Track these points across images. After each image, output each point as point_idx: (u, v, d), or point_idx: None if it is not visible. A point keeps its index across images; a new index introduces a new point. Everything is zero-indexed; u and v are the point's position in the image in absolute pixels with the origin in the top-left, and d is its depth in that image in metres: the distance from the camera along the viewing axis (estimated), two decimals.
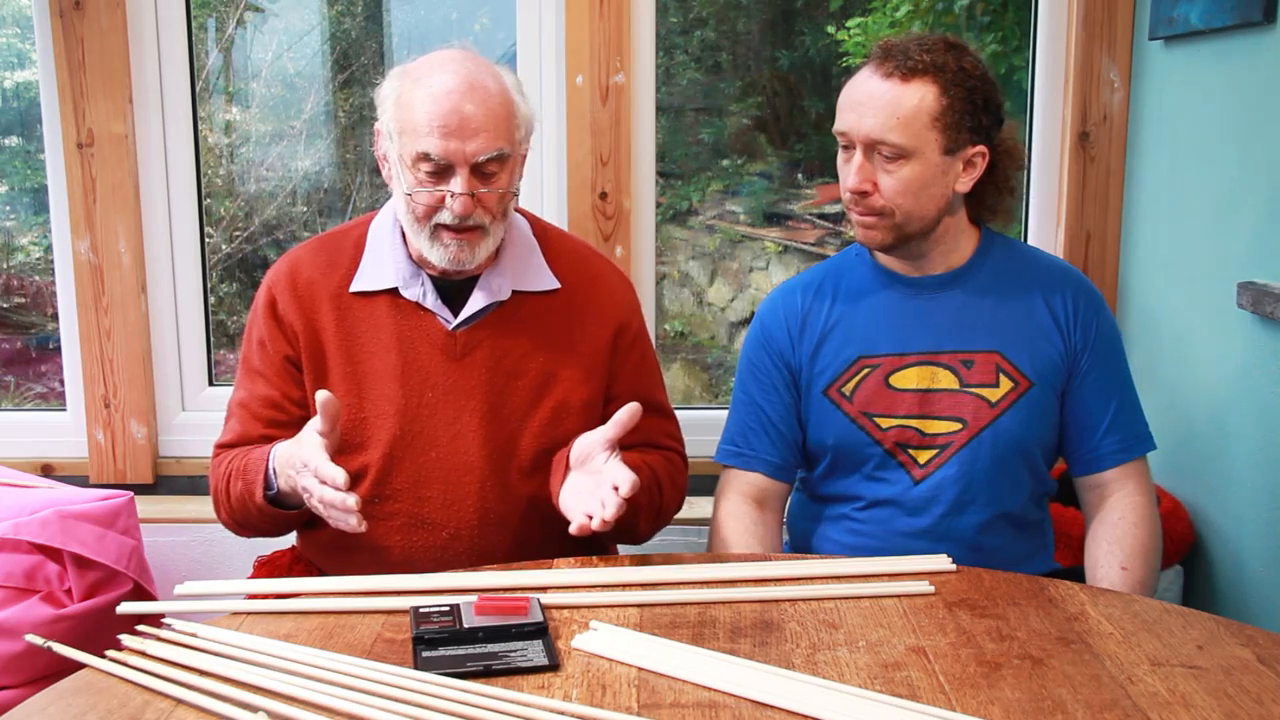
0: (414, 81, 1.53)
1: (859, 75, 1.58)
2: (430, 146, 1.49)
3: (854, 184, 1.57)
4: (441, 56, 1.56)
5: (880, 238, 1.60)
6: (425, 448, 1.59)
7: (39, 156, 2.40)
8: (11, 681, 1.87)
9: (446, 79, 1.51)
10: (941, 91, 1.53)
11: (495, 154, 1.51)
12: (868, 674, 1.15)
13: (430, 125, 1.49)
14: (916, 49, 1.53)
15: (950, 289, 1.65)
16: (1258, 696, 1.10)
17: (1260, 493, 1.82)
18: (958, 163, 1.57)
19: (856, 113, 1.55)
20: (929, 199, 1.57)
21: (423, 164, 1.51)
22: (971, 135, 1.56)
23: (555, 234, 1.74)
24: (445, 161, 1.50)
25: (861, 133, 1.54)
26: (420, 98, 1.51)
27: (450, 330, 1.60)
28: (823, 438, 1.67)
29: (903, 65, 1.53)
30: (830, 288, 1.70)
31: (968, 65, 1.54)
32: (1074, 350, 1.64)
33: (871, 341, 1.65)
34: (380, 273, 1.62)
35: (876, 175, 1.56)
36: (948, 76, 1.53)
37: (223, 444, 1.64)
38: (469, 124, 1.49)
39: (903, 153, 1.53)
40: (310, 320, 1.61)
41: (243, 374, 1.67)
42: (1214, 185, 1.97)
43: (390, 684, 1.10)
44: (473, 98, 1.50)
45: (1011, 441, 1.62)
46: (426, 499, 1.59)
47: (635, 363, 1.69)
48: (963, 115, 1.54)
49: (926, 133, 1.53)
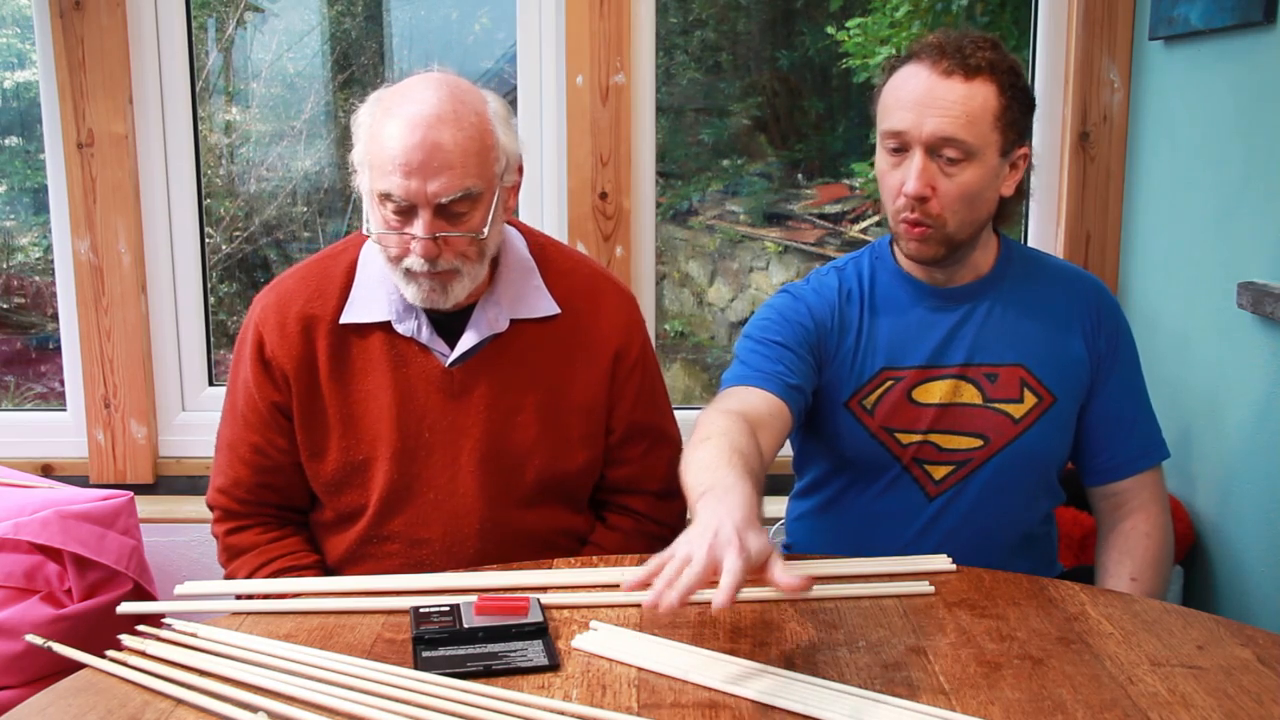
0: (385, 111, 1.44)
1: (909, 73, 1.48)
2: (392, 186, 1.40)
3: (916, 188, 1.46)
4: (416, 84, 1.45)
5: (932, 251, 1.51)
6: (423, 490, 1.56)
7: (39, 156, 2.40)
8: (11, 681, 1.87)
9: (414, 110, 1.41)
10: (1000, 91, 1.46)
11: (461, 194, 1.41)
12: (868, 674, 1.14)
13: (393, 163, 1.39)
14: (971, 47, 1.47)
15: (975, 300, 1.59)
16: (1258, 696, 1.10)
17: (1260, 493, 1.82)
18: (1006, 165, 1.52)
19: (917, 112, 1.45)
20: (983, 204, 1.51)
21: (387, 203, 1.43)
22: (1019, 137, 1.51)
23: (554, 251, 1.66)
24: (407, 202, 1.41)
25: (926, 132, 1.45)
26: (388, 131, 1.41)
27: (446, 368, 1.55)
28: (841, 450, 1.61)
29: (963, 64, 1.45)
30: (859, 294, 1.61)
31: (1014, 64, 1.50)
32: (1098, 358, 1.60)
33: (896, 354, 1.58)
34: (372, 304, 1.55)
35: (936, 179, 1.47)
36: (1003, 76, 1.47)
37: (220, 489, 1.62)
38: (431, 162, 1.39)
39: (968, 153, 1.45)
40: (302, 358, 1.54)
41: (229, 410, 1.62)
42: (1214, 185, 1.97)
43: (390, 684, 1.10)
44: (439, 132, 1.39)
45: (1032, 459, 1.58)
46: (425, 542, 1.57)
47: (633, 393, 1.63)
48: (1017, 116, 1.49)
49: (990, 133, 1.46)
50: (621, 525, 1.66)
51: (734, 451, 1.29)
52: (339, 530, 1.61)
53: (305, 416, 1.56)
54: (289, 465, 1.59)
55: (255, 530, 1.61)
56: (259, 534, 1.61)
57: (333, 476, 1.57)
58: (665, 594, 1.07)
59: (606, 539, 1.65)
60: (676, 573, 1.09)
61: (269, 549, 1.60)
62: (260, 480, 1.60)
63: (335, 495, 1.58)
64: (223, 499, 1.62)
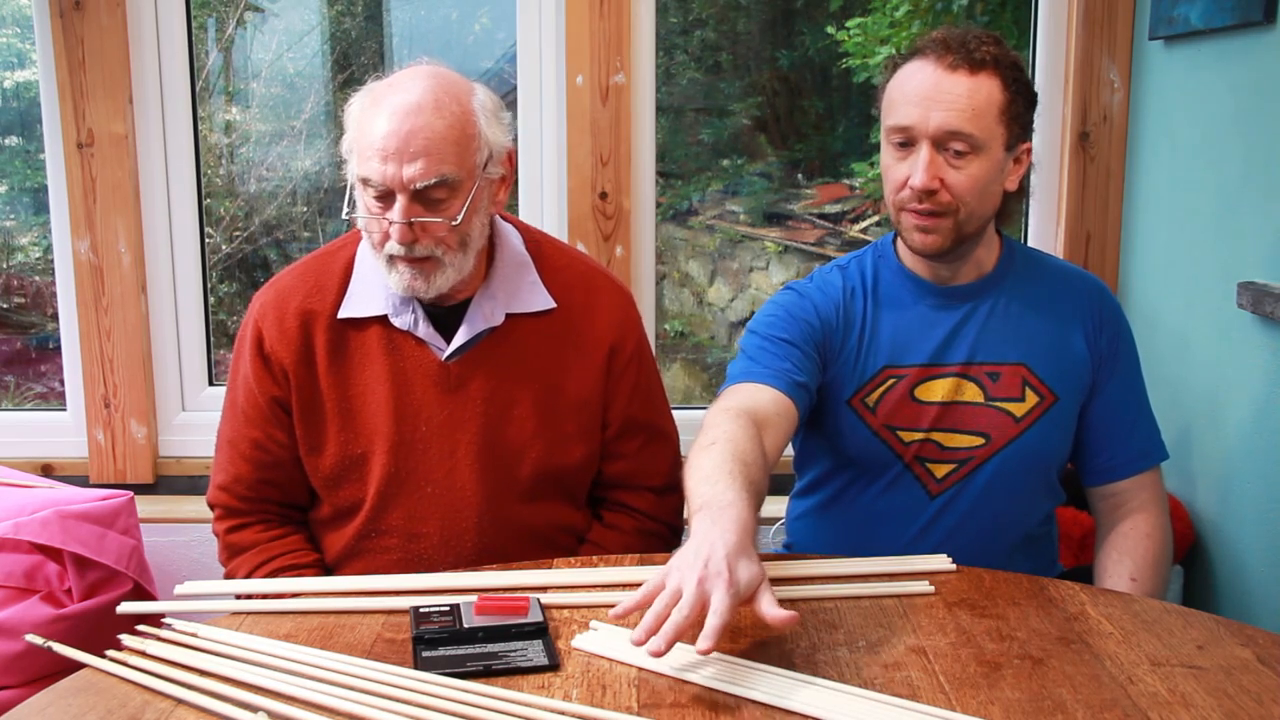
0: (373, 100, 1.47)
1: (914, 69, 1.50)
2: (370, 171, 1.44)
3: (923, 181, 1.47)
4: (404, 75, 1.49)
5: (940, 242, 1.51)
6: (420, 483, 1.56)
7: (39, 156, 2.40)
8: (11, 681, 1.87)
9: (399, 99, 1.44)
10: (1004, 85, 1.48)
11: (436, 180, 1.43)
12: (868, 674, 1.14)
13: (373, 148, 1.43)
14: (975, 42, 1.48)
15: (978, 298, 1.59)
16: (1258, 696, 1.10)
17: (1260, 493, 1.82)
18: (1010, 159, 1.53)
19: (923, 106, 1.47)
20: (990, 197, 1.52)
21: (368, 189, 1.46)
22: (1023, 131, 1.53)
23: (550, 247, 1.67)
24: (384, 187, 1.44)
25: (933, 126, 1.46)
26: (372, 118, 1.45)
27: (442, 362, 1.56)
28: (843, 448, 1.61)
29: (967, 58, 1.47)
30: (862, 292, 1.62)
31: (1017, 59, 1.51)
32: (1099, 358, 1.60)
33: (898, 352, 1.58)
34: (370, 298, 1.56)
35: (944, 172, 1.48)
36: (1006, 71, 1.49)
37: (220, 486, 1.62)
38: (408, 147, 1.42)
39: (975, 146, 1.47)
40: (301, 353, 1.56)
41: (229, 407, 1.63)
42: (1214, 185, 1.97)
43: (390, 684, 1.10)
44: (419, 121, 1.42)
45: (1033, 458, 1.58)
46: (422, 536, 1.57)
47: (629, 388, 1.63)
48: (1020, 110, 1.50)
49: (996, 126, 1.48)
50: (619, 523, 1.66)
51: (736, 461, 1.30)
52: (337, 526, 1.61)
53: (304, 411, 1.57)
54: (289, 461, 1.59)
55: (256, 528, 1.61)
56: (259, 532, 1.61)
57: (331, 471, 1.58)
58: (653, 640, 1.09)
59: (604, 537, 1.65)
60: (665, 607, 1.11)
61: (269, 547, 1.60)
62: (261, 476, 1.60)
63: (333, 490, 1.59)
64: (223, 496, 1.62)
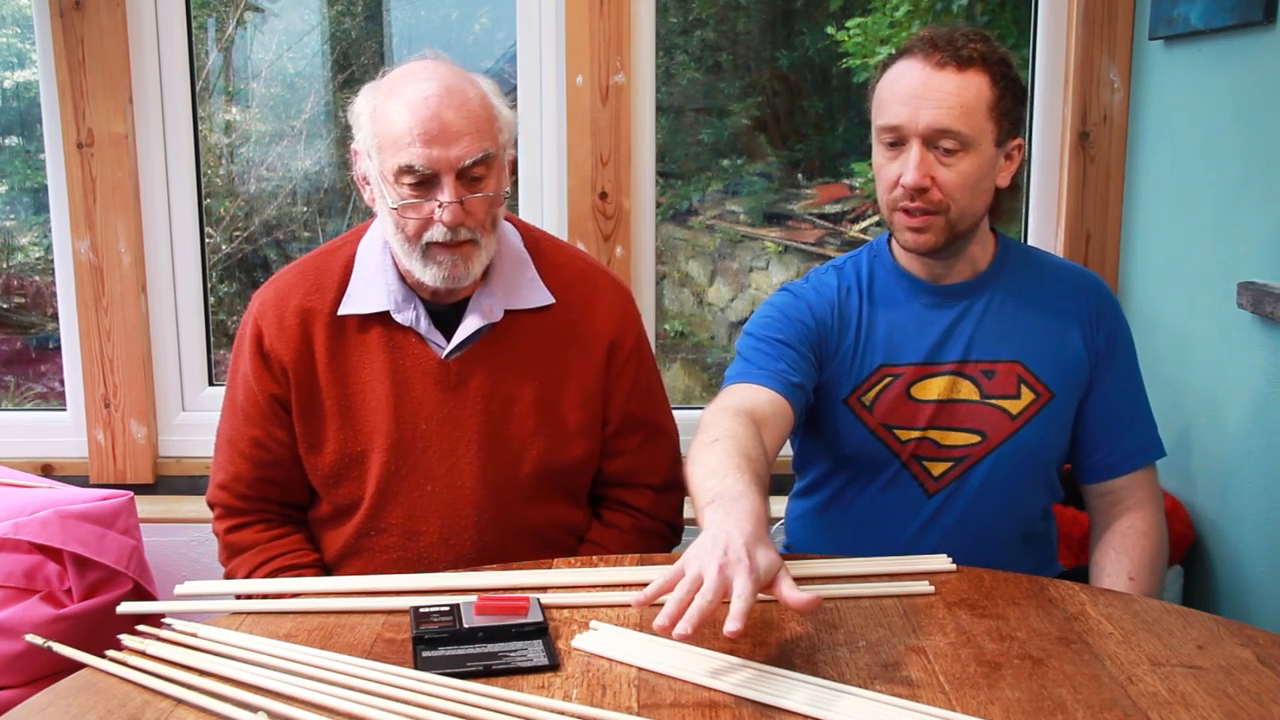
0: (388, 94, 1.48)
1: (903, 68, 1.50)
2: (413, 157, 1.44)
3: (914, 179, 1.48)
4: (414, 67, 1.51)
5: (933, 240, 1.52)
6: (420, 481, 1.56)
7: (39, 156, 2.40)
8: (11, 681, 1.87)
9: (422, 87, 1.46)
10: (992, 81, 1.48)
11: (481, 156, 1.46)
12: (868, 674, 1.14)
13: (411, 135, 1.44)
14: (962, 40, 1.49)
15: (973, 296, 1.59)
16: (1258, 696, 1.10)
17: (1260, 493, 1.82)
18: (1001, 156, 1.54)
19: (912, 105, 1.47)
20: (981, 194, 1.52)
21: (406, 177, 1.46)
22: (1013, 127, 1.53)
23: (549, 244, 1.67)
24: (429, 170, 1.45)
25: (922, 124, 1.47)
26: (397, 109, 1.46)
27: (442, 359, 1.56)
28: (840, 447, 1.62)
29: (955, 56, 1.47)
30: (858, 292, 1.62)
31: (1005, 55, 1.52)
32: (1096, 355, 1.60)
33: (894, 350, 1.59)
34: (371, 295, 1.56)
35: (934, 170, 1.49)
36: (995, 67, 1.49)
37: (220, 485, 1.63)
38: (450, 128, 1.44)
39: (964, 144, 1.47)
40: (300, 350, 1.56)
41: (229, 406, 1.64)
42: (1214, 185, 1.97)
43: (390, 684, 1.10)
44: (451, 102, 1.45)
45: (1030, 454, 1.58)
46: (422, 534, 1.57)
47: (628, 384, 1.64)
48: (1010, 106, 1.51)
49: (985, 123, 1.49)
50: (619, 522, 1.66)
51: (741, 456, 1.30)
52: (336, 524, 1.61)
53: (303, 409, 1.57)
54: (289, 459, 1.59)
55: (256, 528, 1.61)
56: (259, 531, 1.61)
57: (331, 469, 1.58)
58: (679, 624, 1.08)
59: (604, 536, 1.65)
60: (688, 593, 1.11)
61: (269, 547, 1.60)
62: (261, 475, 1.60)
63: (333, 488, 1.59)
64: (223, 495, 1.62)
